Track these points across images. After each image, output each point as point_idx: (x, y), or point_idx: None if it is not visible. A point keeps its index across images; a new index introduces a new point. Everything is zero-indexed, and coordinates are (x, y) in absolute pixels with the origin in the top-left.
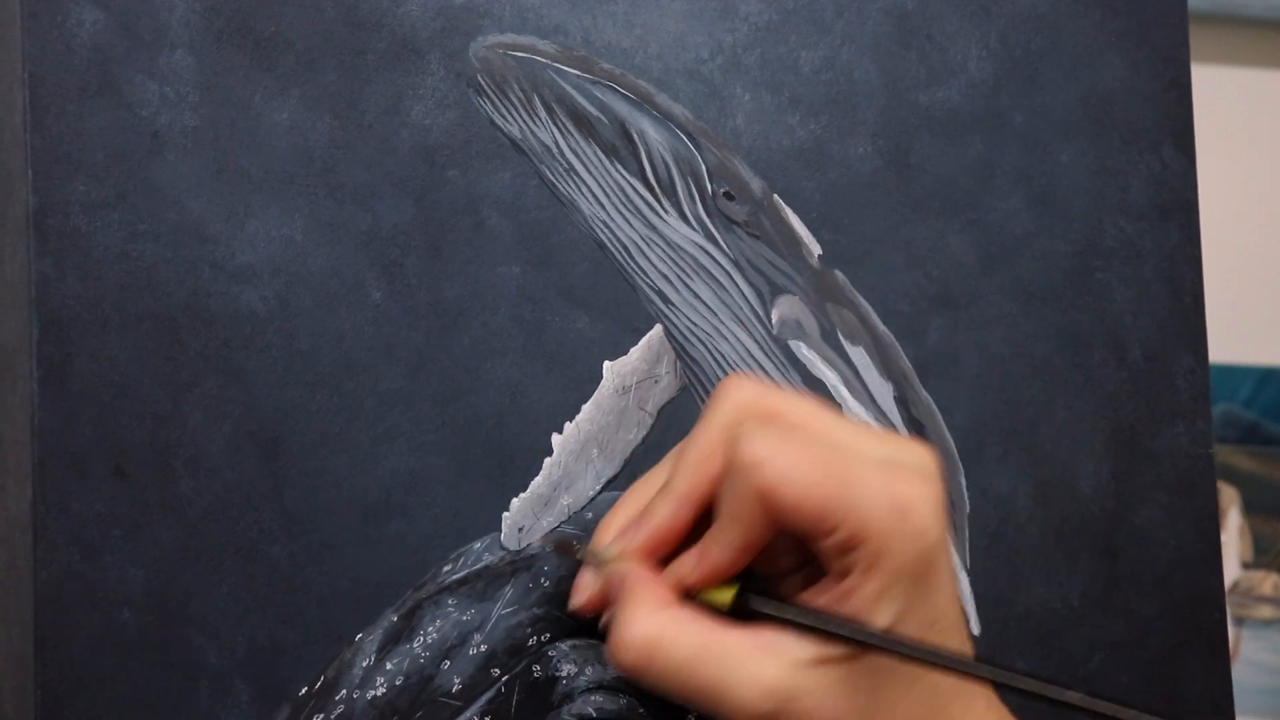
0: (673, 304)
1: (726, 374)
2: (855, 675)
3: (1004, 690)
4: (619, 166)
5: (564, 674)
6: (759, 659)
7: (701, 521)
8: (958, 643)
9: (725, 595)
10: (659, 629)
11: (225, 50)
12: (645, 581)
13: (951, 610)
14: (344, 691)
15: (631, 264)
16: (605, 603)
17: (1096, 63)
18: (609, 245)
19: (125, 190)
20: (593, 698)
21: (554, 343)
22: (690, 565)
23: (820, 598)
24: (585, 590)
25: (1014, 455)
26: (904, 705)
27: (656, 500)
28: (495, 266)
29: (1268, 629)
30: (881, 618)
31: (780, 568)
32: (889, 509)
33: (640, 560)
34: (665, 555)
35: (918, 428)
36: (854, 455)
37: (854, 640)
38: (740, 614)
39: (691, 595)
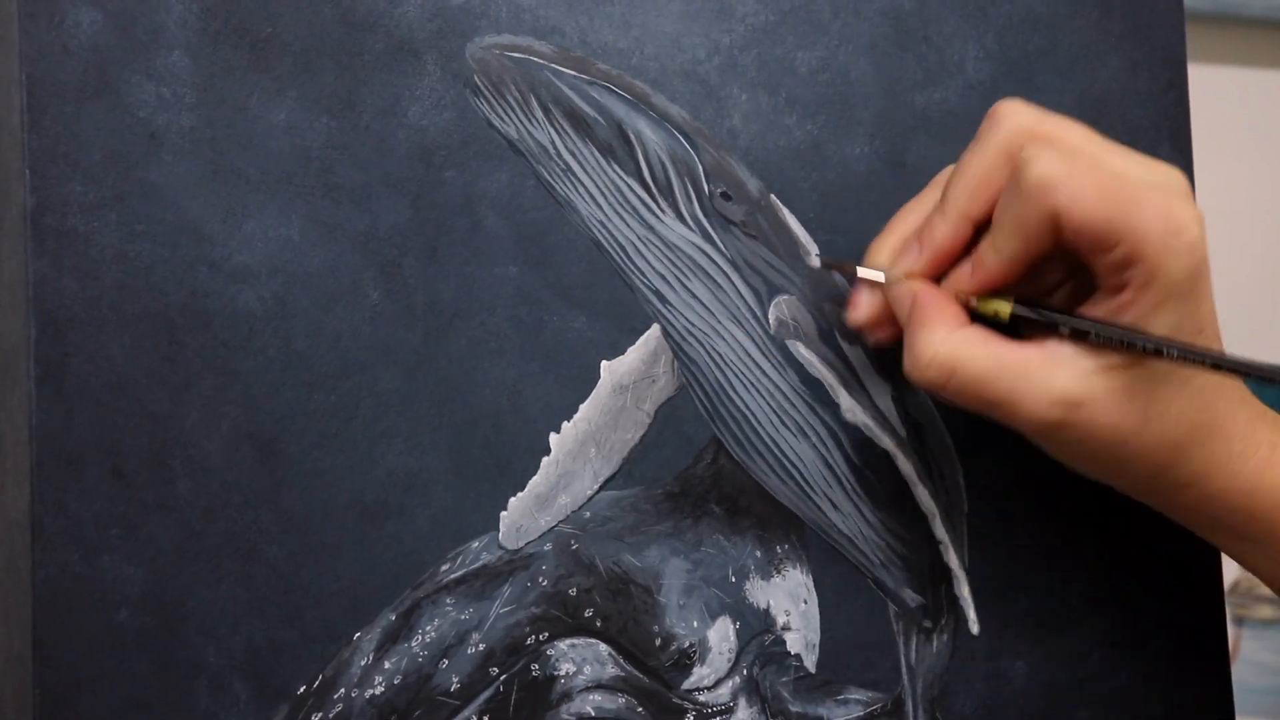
0: (670, 304)
1: (724, 373)
2: (1134, 382)
3: (1263, 386)
4: (616, 167)
5: (562, 673)
6: (1048, 370)
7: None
8: (1219, 348)
9: (1003, 307)
10: (956, 347)
11: (222, 51)
12: (939, 301)
13: (1213, 319)
14: (342, 690)
15: (629, 264)
16: (884, 319)
17: (1094, 64)
18: (606, 245)
19: (123, 190)
20: (591, 697)
21: (551, 342)
22: (965, 276)
23: (1095, 311)
24: (865, 307)
25: (1014, 454)
26: (1176, 406)
27: (936, 220)
28: (492, 267)
29: (1268, 629)
30: (1159, 327)
31: (1044, 284)
32: (1165, 228)
33: (923, 278)
34: (941, 274)
35: (916, 427)
36: (1130, 179)
37: (1137, 346)
38: (1013, 327)
39: (969, 307)
